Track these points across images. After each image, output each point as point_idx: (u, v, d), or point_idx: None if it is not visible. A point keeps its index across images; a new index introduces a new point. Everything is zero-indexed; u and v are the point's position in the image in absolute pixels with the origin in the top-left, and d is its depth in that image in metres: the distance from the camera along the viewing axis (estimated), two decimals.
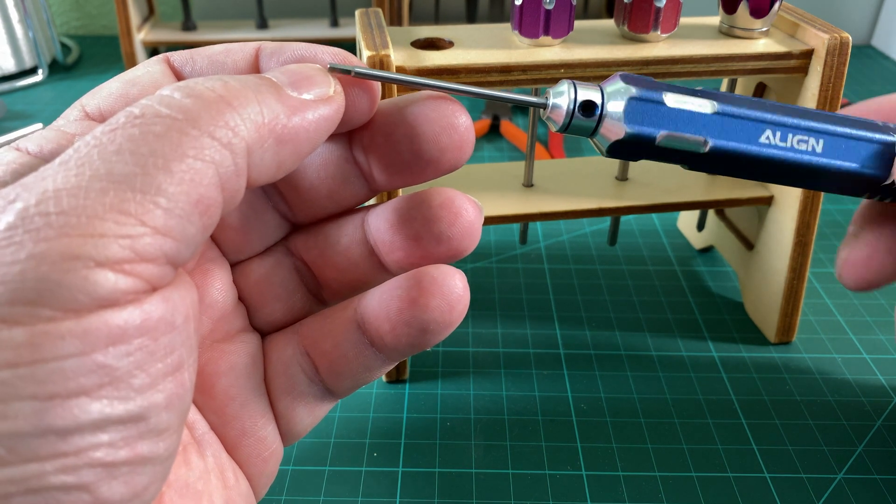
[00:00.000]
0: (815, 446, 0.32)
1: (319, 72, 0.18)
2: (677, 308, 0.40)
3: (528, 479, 0.30)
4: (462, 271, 0.20)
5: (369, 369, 0.21)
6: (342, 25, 0.73)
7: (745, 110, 0.22)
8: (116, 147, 0.14)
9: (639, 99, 0.21)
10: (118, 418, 0.14)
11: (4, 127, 0.59)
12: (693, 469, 0.30)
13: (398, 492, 0.29)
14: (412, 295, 0.19)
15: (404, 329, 0.19)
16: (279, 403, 0.21)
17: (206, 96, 0.15)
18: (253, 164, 0.16)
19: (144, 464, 0.15)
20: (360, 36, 0.29)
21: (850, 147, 0.23)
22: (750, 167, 0.23)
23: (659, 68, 0.30)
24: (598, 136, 0.21)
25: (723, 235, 0.42)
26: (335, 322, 0.21)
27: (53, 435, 0.13)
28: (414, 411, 0.33)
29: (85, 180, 0.14)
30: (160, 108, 0.15)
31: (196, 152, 0.15)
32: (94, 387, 0.13)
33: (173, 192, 0.14)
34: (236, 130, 0.15)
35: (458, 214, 0.20)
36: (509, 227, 0.47)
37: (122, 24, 0.66)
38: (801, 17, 0.32)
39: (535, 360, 0.36)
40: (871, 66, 0.74)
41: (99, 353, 0.13)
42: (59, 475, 0.13)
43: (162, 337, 0.15)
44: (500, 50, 0.30)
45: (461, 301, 0.20)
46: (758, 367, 0.36)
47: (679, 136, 0.22)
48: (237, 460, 0.21)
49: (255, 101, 0.16)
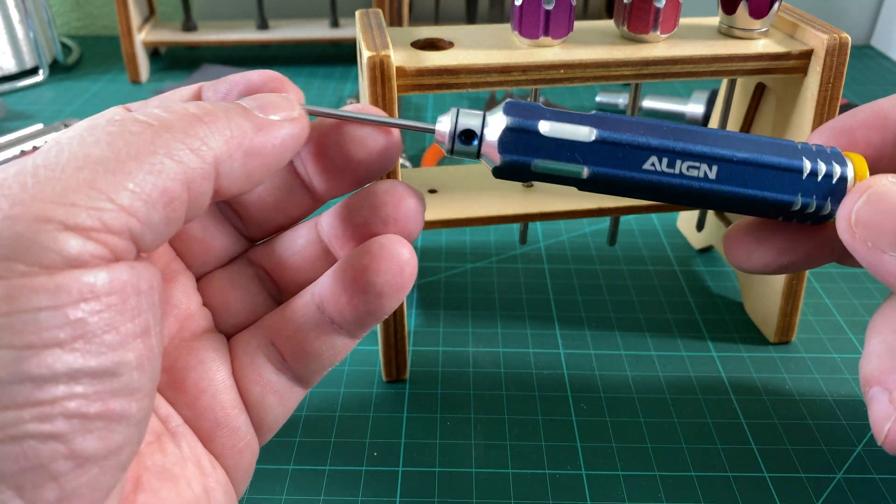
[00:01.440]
0: (814, 446, 0.32)
1: (284, 98, 0.20)
2: (677, 308, 0.40)
3: (528, 479, 0.30)
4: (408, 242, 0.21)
5: (333, 348, 0.22)
6: (342, 26, 0.73)
7: (630, 137, 0.22)
8: (95, 139, 0.16)
9: (512, 129, 0.22)
10: (91, 370, 0.15)
11: (5, 127, 0.59)
12: (692, 469, 0.30)
13: (398, 492, 0.29)
14: (364, 262, 0.21)
15: (361, 297, 0.21)
16: (249, 395, 0.22)
17: (181, 112, 0.17)
18: (223, 174, 0.18)
19: (118, 420, 0.16)
20: (360, 36, 0.29)
21: (746, 173, 0.22)
22: (639, 192, 0.22)
23: (659, 68, 0.30)
24: (484, 158, 0.22)
25: (722, 235, 0.42)
26: (295, 308, 0.22)
27: (30, 382, 0.14)
28: (414, 411, 0.33)
29: (63, 160, 0.15)
30: (139, 116, 0.17)
31: (166, 151, 0.16)
32: (68, 339, 0.14)
33: (141, 179, 0.16)
34: (205, 140, 0.17)
35: (402, 198, 0.22)
36: (509, 227, 0.47)
37: (123, 24, 0.66)
38: (800, 18, 0.32)
39: (535, 360, 0.36)
40: (871, 66, 0.74)
41: (70, 308, 0.15)
42: (36, 423, 0.14)
43: (129, 299, 0.16)
44: (499, 50, 0.30)
45: (410, 264, 0.21)
46: (757, 366, 0.36)
47: (554, 164, 0.22)
48: (213, 453, 0.22)
49: (225, 119, 0.18)
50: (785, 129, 0.34)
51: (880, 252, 0.21)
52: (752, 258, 0.26)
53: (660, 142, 0.22)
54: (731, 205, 0.23)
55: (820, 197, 0.22)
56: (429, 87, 0.29)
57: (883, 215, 0.21)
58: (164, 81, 0.69)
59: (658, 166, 0.22)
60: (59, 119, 0.61)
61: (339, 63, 0.74)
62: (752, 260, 0.26)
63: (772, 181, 0.22)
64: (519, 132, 0.22)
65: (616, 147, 0.22)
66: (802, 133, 0.32)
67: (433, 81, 0.29)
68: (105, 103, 0.64)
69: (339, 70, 0.73)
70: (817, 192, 0.22)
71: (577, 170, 0.22)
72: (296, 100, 0.21)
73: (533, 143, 0.22)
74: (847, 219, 0.22)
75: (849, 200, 0.22)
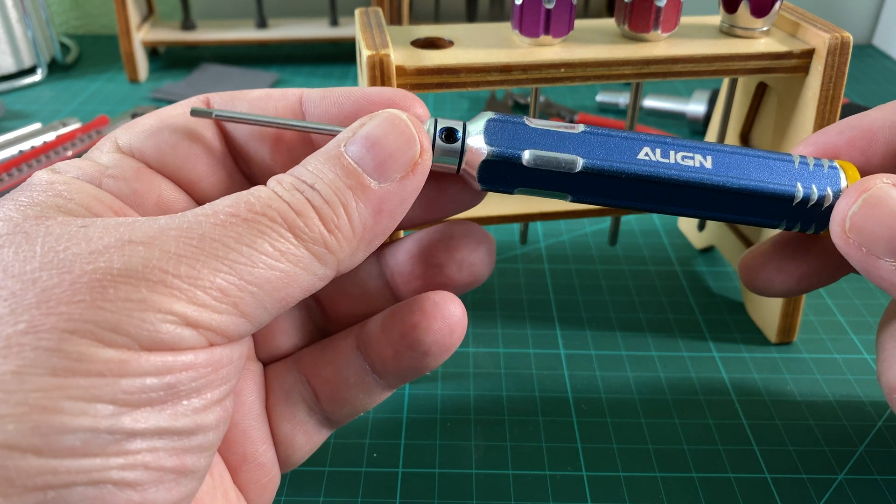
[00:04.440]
0: (815, 446, 0.31)
1: (402, 136, 0.19)
2: (678, 308, 0.40)
3: (528, 480, 0.30)
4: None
5: (369, 395, 0.22)
6: (342, 24, 0.73)
7: (618, 131, 0.21)
8: (235, 236, 0.17)
9: (498, 121, 0.21)
10: (175, 430, 0.16)
11: (3, 127, 0.59)
12: (694, 469, 0.30)
13: (398, 492, 0.29)
14: (415, 319, 0.20)
15: (407, 352, 0.21)
16: (279, 430, 0.22)
17: (308, 204, 0.17)
18: (342, 270, 0.18)
19: (187, 475, 0.16)
20: (360, 35, 0.29)
21: (741, 162, 0.21)
22: (635, 190, 0.21)
23: (659, 68, 0.30)
24: (465, 171, 0.21)
25: (723, 235, 0.42)
26: (337, 350, 0.22)
27: (122, 435, 0.15)
28: (414, 412, 0.33)
29: (203, 254, 0.16)
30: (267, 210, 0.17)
31: (296, 260, 0.17)
32: (161, 400, 0.16)
33: (267, 289, 0.17)
34: (332, 249, 0.17)
35: (479, 242, 0.22)
36: (509, 227, 0.47)
37: (122, 23, 0.66)
38: (801, 17, 0.32)
39: (535, 360, 0.36)
40: (873, 65, 0.74)
41: (172, 376, 0.16)
42: (119, 472, 0.15)
43: (221, 370, 0.17)
44: (500, 49, 0.30)
45: (460, 325, 0.21)
46: (758, 367, 0.36)
47: (547, 154, 0.20)
48: (237, 485, 0.21)
49: (345, 216, 0.18)
50: (786, 129, 0.34)
51: (875, 258, 0.20)
52: (774, 285, 0.25)
53: (650, 136, 0.22)
54: (730, 204, 0.22)
55: (820, 186, 0.22)
56: (429, 86, 0.29)
57: (878, 222, 0.20)
58: (162, 81, 0.69)
59: (652, 155, 0.21)
60: (58, 118, 0.61)
61: (339, 62, 0.74)
62: (773, 287, 0.25)
63: (767, 169, 0.22)
64: (505, 123, 0.21)
65: (606, 137, 0.21)
66: (804, 133, 0.32)
67: (433, 81, 0.29)
68: (104, 103, 0.64)
69: (338, 69, 0.72)
70: (815, 181, 0.22)
71: (570, 162, 0.21)
72: (417, 127, 0.19)
73: (523, 133, 0.21)
74: (841, 224, 0.21)
75: (843, 202, 0.21)
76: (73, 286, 0.15)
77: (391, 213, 0.18)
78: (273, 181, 0.18)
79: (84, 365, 0.15)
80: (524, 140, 0.21)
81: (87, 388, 0.15)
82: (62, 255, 0.16)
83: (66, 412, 0.14)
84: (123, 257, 0.16)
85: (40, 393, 0.14)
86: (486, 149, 0.20)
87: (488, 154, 0.20)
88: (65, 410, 0.14)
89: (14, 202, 0.17)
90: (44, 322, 0.15)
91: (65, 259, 0.16)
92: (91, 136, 0.54)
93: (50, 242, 0.16)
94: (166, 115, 0.20)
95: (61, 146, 0.52)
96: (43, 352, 0.14)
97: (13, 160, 0.50)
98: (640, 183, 0.21)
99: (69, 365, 0.15)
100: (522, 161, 0.20)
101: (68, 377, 0.15)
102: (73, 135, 0.54)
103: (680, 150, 0.21)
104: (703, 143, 0.22)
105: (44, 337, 0.15)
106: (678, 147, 0.21)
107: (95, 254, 0.16)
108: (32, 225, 0.16)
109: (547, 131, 0.21)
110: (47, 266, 0.16)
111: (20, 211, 0.17)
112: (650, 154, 0.21)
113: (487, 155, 0.20)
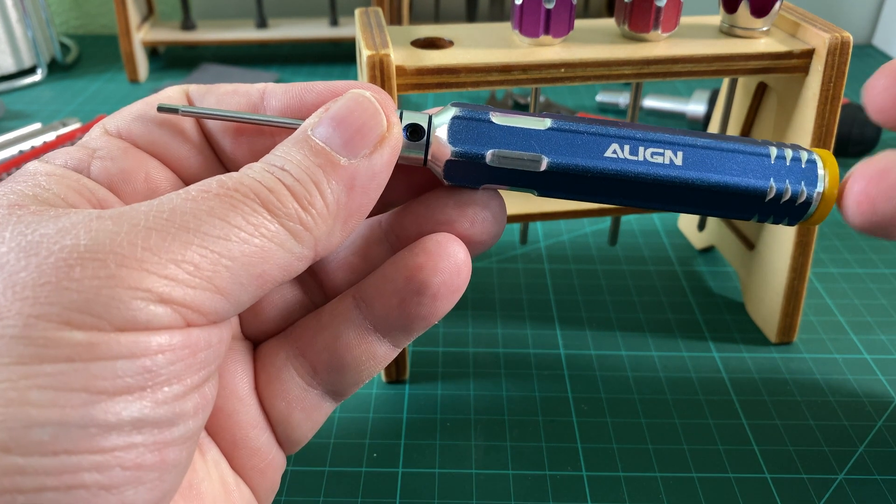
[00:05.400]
0: (815, 447, 0.31)
1: (366, 111, 0.18)
2: (678, 308, 0.40)
3: (528, 480, 0.30)
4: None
5: (373, 357, 0.21)
6: (342, 24, 0.73)
7: (587, 126, 0.21)
8: (207, 209, 0.16)
9: (462, 118, 0.20)
10: (154, 420, 0.15)
11: (3, 126, 0.59)
12: (694, 469, 0.30)
13: (398, 492, 0.29)
14: (419, 261, 0.19)
15: (414, 298, 0.19)
16: (274, 409, 0.21)
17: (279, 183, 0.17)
18: (320, 250, 0.18)
19: (169, 470, 0.16)
20: (360, 35, 0.29)
21: (714, 158, 0.21)
22: (602, 186, 0.21)
23: (659, 68, 0.30)
24: (431, 164, 0.20)
25: (723, 235, 0.42)
26: (333, 312, 0.21)
27: (96, 428, 0.14)
28: (414, 412, 0.33)
29: (174, 227, 0.15)
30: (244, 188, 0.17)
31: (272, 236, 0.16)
32: (137, 387, 0.15)
33: (242, 262, 0.16)
34: (307, 226, 0.17)
35: (490, 198, 0.21)
36: (509, 227, 0.47)
37: (122, 23, 0.66)
38: (802, 17, 0.32)
39: (535, 360, 0.36)
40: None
41: (147, 358, 0.15)
42: (93, 473, 0.14)
43: (199, 353, 0.16)
44: (500, 49, 0.30)
45: (466, 265, 0.20)
46: (758, 367, 0.36)
47: (510, 154, 0.20)
48: (235, 471, 0.20)
49: (318, 193, 0.17)
50: (786, 129, 0.34)
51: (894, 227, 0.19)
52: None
53: (618, 130, 0.21)
54: (700, 199, 0.21)
55: (794, 181, 0.21)
56: (429, 86, 0.29)
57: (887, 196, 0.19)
58: (162, 81, 0.69)
59: (620, 153, 0.21)
60: (58, 118, 0.61)
61: (339, 62, 0.74)
62: None
63: (741, 165, 0.21)
64: (470, 121, 0.20)
65: (573, 134, 0.21)
66: (804, 133, 0.32)
67: (433, 80, 0.29)
68: (104, 103, 0.64)
69: (338, 69, 0.72)
70: (790, 177, 0.21)
71: (534, 161, 0.20)
72: (383, 103, 0.19)
73: (487, 132, 0.20)
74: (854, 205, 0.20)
75: (854, 185, 0.20)
76: (39, 268, 0.15)
77: (364, 188, 0.18)
78: (244, 167, 0.18)
79: (51, 350, 0.14)
80: (488, 138, 0.20)
81: (55, 375, 0.14)
82: (30, 238, 0.15)
83: (33, 403, 0.14)
84: (90, 233, 0.15)
85: (6, 383, 0.14)
86: (449, 148, 0.20)
87: (451, 154, 0.20)
88: (32, 401, 0.14)
89: None
90: (9, 308, 0.14)
91: (32, 241, 0.15)
92: None
93: (20, 228, 0.15)
94: (153, 100, 0.20)
95: (61, 146, 0.52)
96: (8, 339, 0.14)
97: (13, 160, 0.50)
98: (606, 181, 0.21)
99: (35, 352, 0.14)
100: (486, 160, 0.20)
101: (34, 364, 0.14)
102: (73, 135, 0.54)
103: (650, 146, 0.21)
104: (676, 136, 0.21)
105: (9, 324, 0.14)
106: (648, 143, 0.21)
107: (62, 232, 0.15)
108: (4, 214, 0.16)
109: (512, 129, 0.20)
110: (14, 249, 0.15)
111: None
112: (618, 151, 0.21)
113: (451, 155, 0.20)
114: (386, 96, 0.19)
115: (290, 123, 0.20)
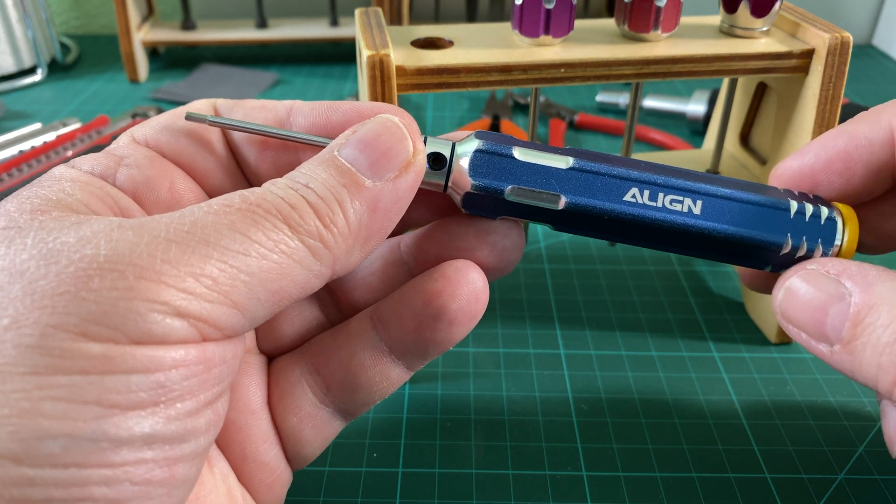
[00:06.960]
0: (815, 447, 0.31)
1: (393, 136, 0.19)
2: (678, 308, 0.40)
3: (528, 480, 0.30)
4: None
5: (386, 378, 0.21)
6: (342, 24, 0.73)
7: (609, 167, 0.21)
8: (228, 223, 0.16)
9: (485, 152, 0.20)
10: (165, 437, 0.15)
11: (3, 126, 0.59)
12: (693, 469, 0.30)
13: (398, 492, 0.29)
14: (438, 287, 0.20)
15: (431, 323, 0.20)
16: (285, 425, 0.21)
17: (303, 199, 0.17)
18: (338, 270, 0.18)
19: (178, 486, 0.16)
20: (360, 35, 0.29)
21: (732, 209, 0.21)
22: (618, 228, 0.21)
23: (659, 68, 0.30)
24: (451, 191, 0.21)
25: None
26: (350, 332, 0.21)
27: (107, 442, 0.14)
28: (414, 412, 0.33)
29: (194, 240, 0.16)
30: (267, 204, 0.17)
31: (292, 252, 0.17)
32: (151, 403, 0.15)
33: (259, 279, 0.16)
34: (327, 243, 0.17)
35: (511, 227, 0.21)
36: None
37: (122, 23, 0.66)
38: (801, 17, 0.32)
39: (535, 360, 0.36)
40: (873, 65, 0.74)
41: (162, 373, 0.15)
42: (102, 487, 0.14)
43: (214, 368, 0.16)
44: (500, 49, 0.30)
45: (484, 292, 0.20)
46: (758, 367, 0.36)
47: (529, 190, 0.20)
48: (242, 485, 0.21)
49: (341, 212, 0.17)
50: (786, 129, 0.34)
51: (812, 343, 0.20)
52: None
53: (640, 174, 0.21)
54: (715, 248, 0.21)
55: (811, 238, 0.21)
56: (429, 86, 0.29)
57: (799, 310, 0.20)
58: (162, 81, 0.69)
59: (640, 198, 0.21)
60: (58, 118, 0.61)
61: (339, 62, 0.74)
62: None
63: (759, 218, 0.21)
64: (493, 155, 0.20)
65: (593, 176, 0.21)
66: (804, 133, 0.32)
67: (433, 81, 0.29)
68: (104, 103, 0.64)
69: (338, 69, 0.73)
70: (807, 233, 0.21)
71: (552, 199, 0.20)
72: (409, 128, 0.19)
73: (508, 167, 0.20)
74: (778, 315, 0.21)
75: (775, 290, 0.21)
76: (58, 277, 0.15)
77: (386, 211, 0.18)
78: (268, 183, 0.18)
79: (66, 362, 0.14)
80: (509, 173, 0.20)
81: (69, 387, 0.14)
82: (51, 246, 0.15)
83: (46, 415, 0.14)
84: (111, 243, 0.15)
85: (20, 393, 0.14)
86: (470, 182, 0.20)
87: (471, 187, 0.20)
88: (44, 413, 0.14)
89: (18, 197, 0.17)
90: (27, 316, 0.14)
91: (53, 249, 0.15)
92: (91, 136, 0.54)
93: (42, 235, 0.16)
94: (181, 111, 0.21)
95: (61, 146, 0.52)
96: (24, 349, 0.14)
97: (13, 160, 0.50)
98: (622, 223, 0.21)
99: (50, 362, 0.14)
100: (504, 195, 0.20)
101: (49, 375, 0.14)
102: (73, 135, 0.54)
103: (669, 192, 0.21)
104: (697, 184, 0.21)
105: (26, 333, 0.14)
106: (668, 190, 0.21)
107: (83, 241, 0.15)
108: (27, 219, 0.16)
109: (533, 165, 0.21)
110: (35, 257, 0.15)
111: (19, 205, 0.17)
112: (637, 196, 0.21)
113: (471, 188, 0.20)
114: (412, 121, 0.19)
115: (318, 141, 0.20)
